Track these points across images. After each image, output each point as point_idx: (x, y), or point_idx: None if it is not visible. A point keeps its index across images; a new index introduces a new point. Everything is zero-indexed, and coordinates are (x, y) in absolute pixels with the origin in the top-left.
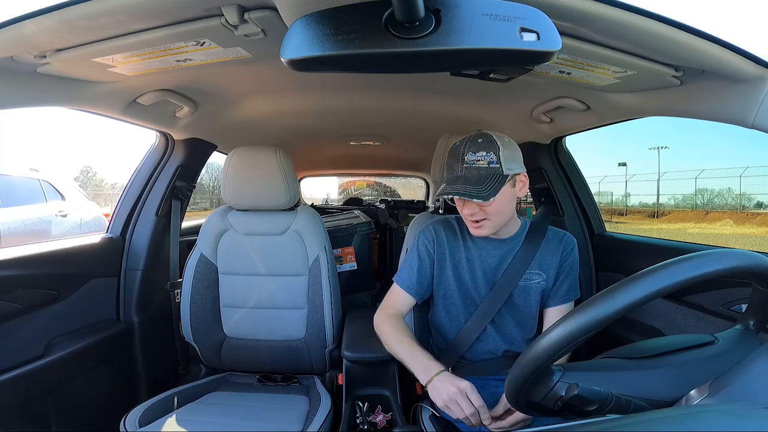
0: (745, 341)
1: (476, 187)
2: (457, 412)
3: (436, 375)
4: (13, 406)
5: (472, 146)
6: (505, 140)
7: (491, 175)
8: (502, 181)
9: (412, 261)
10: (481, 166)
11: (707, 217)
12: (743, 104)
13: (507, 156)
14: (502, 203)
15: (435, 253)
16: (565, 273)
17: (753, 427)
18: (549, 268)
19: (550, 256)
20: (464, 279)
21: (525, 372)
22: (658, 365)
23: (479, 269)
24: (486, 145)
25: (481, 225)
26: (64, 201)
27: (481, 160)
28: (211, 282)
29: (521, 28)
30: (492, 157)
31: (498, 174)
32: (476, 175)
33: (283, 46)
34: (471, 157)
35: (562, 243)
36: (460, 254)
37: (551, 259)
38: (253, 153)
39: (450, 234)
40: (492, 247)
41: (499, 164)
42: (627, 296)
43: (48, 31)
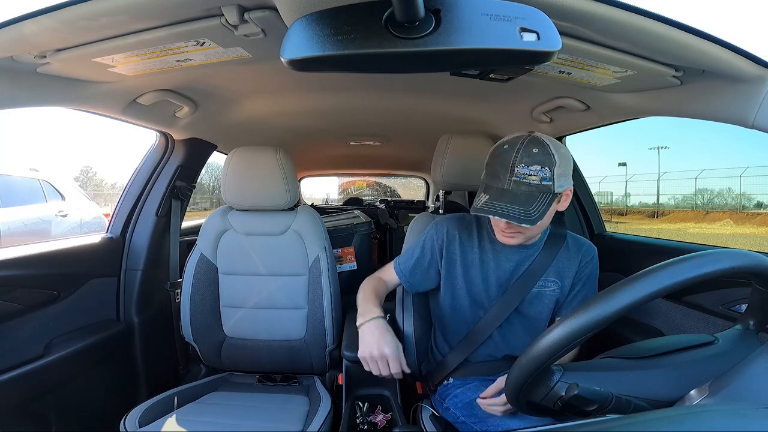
0: (745, 341)
1: (524, 208)
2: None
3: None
4: (13, 406)
5: (525, 156)
6: (561, 151)
7: (542, 193)
8: (551, 201)
9: (414, 251)
10: (532, 182)
11: (707, 217)
12: (743, 104)
13: (561, 171)
14: (544, 221)
15: (444, 251)
16: (582, 282)
17: (753, 427)
18: (565, 276)
19: (568, 263)
20: (475, 282)
21: (525, 372)
22: (658, 365)
23: (493, 274)
24: (542, 158)
25: (514, 236)
26: (64, 201)
27: (534, 175)
28: (211, 282)
29: (521, 28)
30: (546, 173)
31: (549, 193)
32: (526, 193)
33: (283, 46)
34: (523, 170)
35: (581, 251)
36: (474, 256)
37: (569, 267)
38: (253, 153)
39: (465, 233)
40: (510, 251)
41: (552, 182)
42: (627, 296)
43: (48, 31)
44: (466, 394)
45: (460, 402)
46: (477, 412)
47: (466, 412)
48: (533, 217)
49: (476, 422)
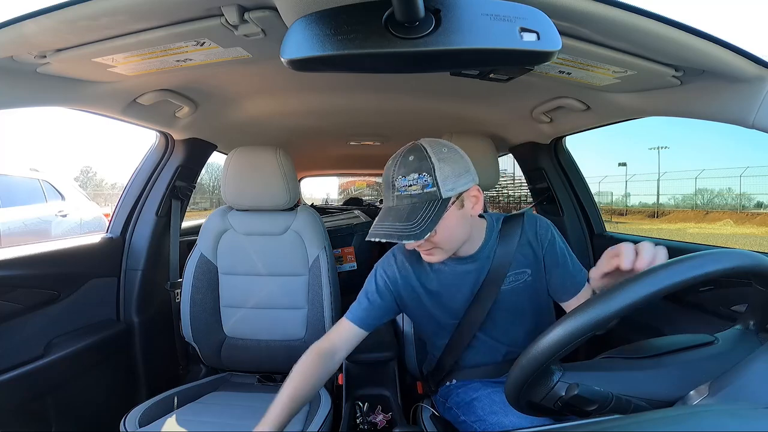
0: (745, 341)
1: (407, 223)
2: None
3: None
4: (13, 406)
5: (402, 167)
6: (443, 152)
7: (427, 202)
8: (442, 208)
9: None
10: (414, 193)
11: (707, 217)
12: (743, 104)
13: (446, 173)
14: (450, 229)
15: (399, 284)
16: (557, 260)
17: (753, 427)
18: (532, 261)
19: (528, 249)
20: (440, 303)
21: (525, 372)
22: (658, 365)
23: (456, 291)
24: (417, 164)
25: (432, 253)
26: (64, 201)
27: (414, 184)
28: (211, 282)
29: (521, 28)
30: (426, 179)
31: (435, 200)
32: (408, 206)
33: (283, 46)
34: (401, 182)
35: (535, 230)
36: (431, 281)
37: (534, 252)
38: (253, 153)
39: (415, 261)
40: (465, 263)
41: (436, 187)
42: (627, 296)
43: (48, 31)
44: (468, 393)
45: (462, 401)
46: (477, 411)
47: (466, 411)
48: (417, 231)
49: (476, 421)
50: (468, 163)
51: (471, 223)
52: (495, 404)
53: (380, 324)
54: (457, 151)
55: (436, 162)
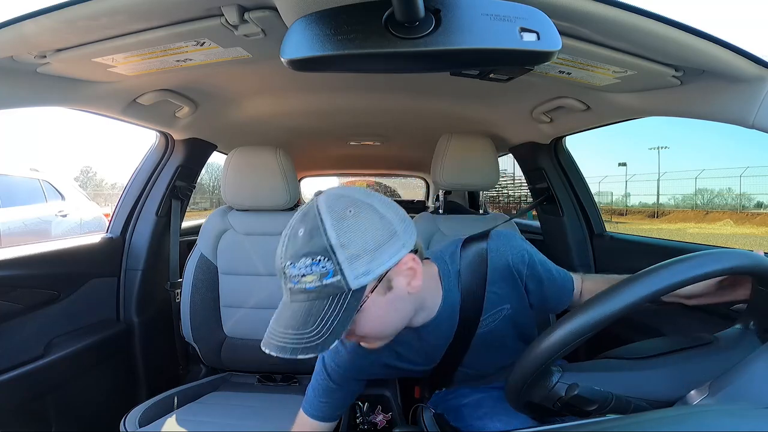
0: (745, 341)
1: (303, 331)
2: None
3: None
4: (13, 406)
5: (291, 247)
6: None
7: (329, 297)
8: (353, 304)
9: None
10: (309, 287)
11: (707, 217)
12: (743, 104)
13: (355, 250)
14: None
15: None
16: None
17: (753, 427)
18: (509, 293)
19: (502, 283)
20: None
21: (525, 372)
22: (658, 365)
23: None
24: (309, 242)
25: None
26: (64, 201)
27: (308, 274)
28: (211, 282)
29: (521, 28)
30: (325, 265)
31: (341, 293)
32: (304, 306)
33: (283, 46)
34: (292, 271)
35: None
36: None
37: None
38: (253, 153)
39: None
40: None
41: (340, 274)
42: (627, 296)
43: (48, 31)
44: (457, 399)
45: (451, 408)
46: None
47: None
48: (316, 341)
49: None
50: (392, 223)
51: (413, 298)
52: (481, 409)
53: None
54: (372, 209)
55: (334, 236)
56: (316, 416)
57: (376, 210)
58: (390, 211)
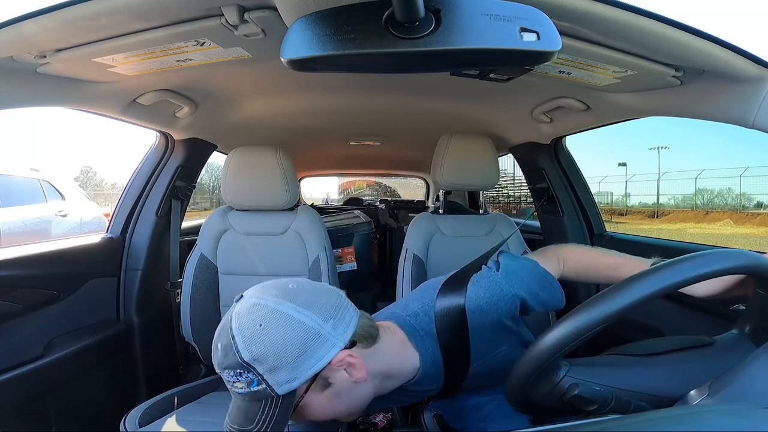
0: (744, 342)
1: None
2: None
3: None
4: (13, 406)
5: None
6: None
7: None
8: (285, 407)
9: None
10: (242, 392)
11: (707, 217)
12: (743, 104)
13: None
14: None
15: None
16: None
17: (753, 427)
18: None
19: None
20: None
21: (525, 371)
22: (659, 365)
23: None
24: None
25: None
26: (64, 201)
27: (237, 382)
28: (211, 282)
29: (521, 28)
30: (247, 376)
31: (271, 398)
32: (242, 407)
33: (283, 46)
34: (224, 376)
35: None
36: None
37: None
38: (253, 153)
39: None
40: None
41: (266, 384)
42: (628, 296)
43: (48, 31)
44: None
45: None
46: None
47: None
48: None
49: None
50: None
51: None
52: (481, 412)
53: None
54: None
55: (246, 354)
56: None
57: (291, 318)
58: (313, 312)
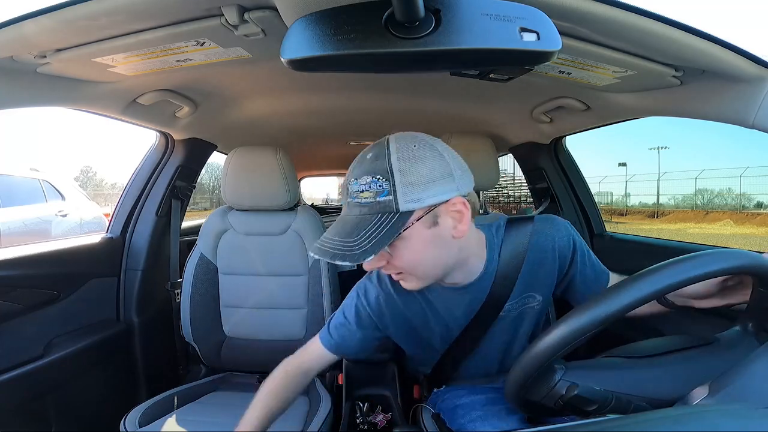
0: (744, 341)
1: (349, 239)
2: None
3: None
4: (13, 406)
5: (357, 167)
6: (411, 149)
7: (378, 215)
8: (397, 225)
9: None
10: (364, 201)
11: (707, 217)
12: (743, 104)
13: (410, 178)
14: (417, 253)
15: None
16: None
17: (753, 427)
18: (545, 286)
19: (541, 268)
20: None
21: (526, 370)
22: (658, 365)
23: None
24: (373, 166)
25: (402, 278)
26: (64, 201)
27: (366, 190)
28: (211, 282)
29: (521, 28)
30: (382, 184)
31: (389, 212)
32: (356, 218)
33: (283, 46)
34: (354, 186)
35: (553, 244)
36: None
37: (545, 272)
38: (253, 153)
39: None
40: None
41: (393, 195)
42: (629, 296)
43: (48, 31)
44: (452, 400)
45: (447, 408)
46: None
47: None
48: (357, 251)
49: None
50: (449, 165)
51: (458, 246)
52: (475, 411)
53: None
54: (435, 149)
55: (396, 162)
56: (327, 345)
57: (437, 151)
58: (451, 157)
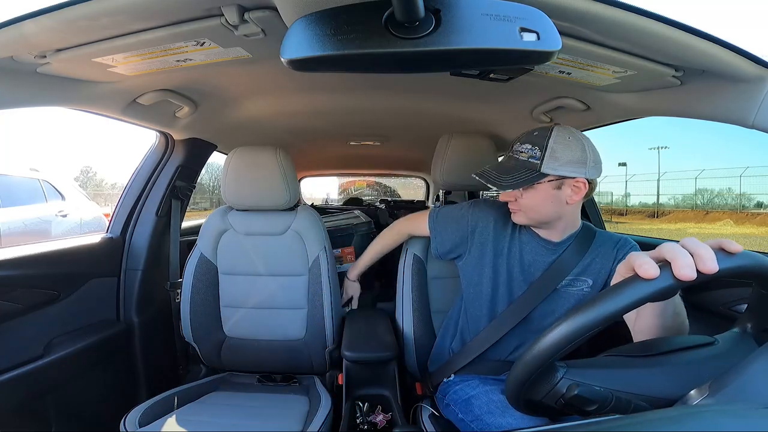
0: (744, 342)
1: (503, 175)
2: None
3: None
4: (13, 406)
5: (525, 137)
6: (566, 139)
7: (526, 169)
8: (534, 178)
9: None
10: (520, 158)
11: (707, 217)
12: (743, 104)
13: (556, 155)
14: (536, 201)
15: (478, 232)
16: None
17: (753, 427)
18: (598, 273)
19: (600, 260)
20: (500, 271)
21: (526, 370)
22: (659, 365)
23: (517, 265)
24: (537, 139)
25: (515, 212)
26: (64, 201)
27: (524, 152)
28: (211, 282)
29: (521, 28)
30: (536, 152)
31: (534, 170)
32: (512, 165)
33: (283, 46)
34: (518, 147)
35: (615, 247)
36: (504, 244)
37: (602, 264)
38: (253, 153)
39: (501, 221)
40: (537, 246)
41: (540, 161)
42: (629, 295)
43: (48, 31)
44: (465, 390)
45: (460, 398)
46: (474, 410)
47: (464, 409)
48: (506, 183)
49: (473, 420)
50: (588, 158)
51: (563, 210)
52: (492, 403)
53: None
54: (582, 144)
55: (552, 143)
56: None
57: (582, 145)
58: (591, 151)
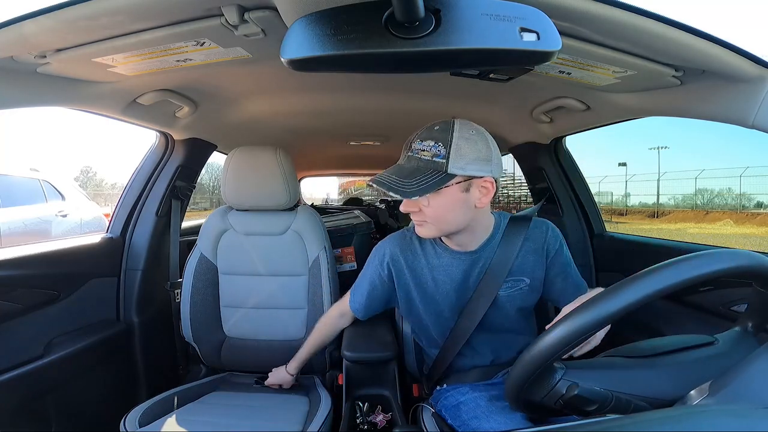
0: (744, 342)
1: (405, 180)
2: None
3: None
4: (13, 406)
5: (426, 132)
6: (469, 133)
7: (431, 170)
8: (442, 181)
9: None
10: (422, 158)
11: (707, 217)
12: (743, 104)
13: (462, 153)
14: (444, 207)
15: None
16: (563, 269)
17: (753, 427)
18: (534, 269)
19: (532, 256)
20: (433, 299)
21: (526, 370)
22: (659, 365)
23: (448, 285)
24: (440, 134)
25: (421, 224)
26: (64, 201)
27: (426, 150)
28: (211, 282)
29: (521, 28)
30: (439, 149)
31: (439, 171)
32: (413, 168)
33: (283, 46)
34: (417, 145)
35: (544, 238)
36: (424, 272)
37: (534, 259)
38: (253, 153)
39: (409, 252)
40: (454, 259)
41: (446, 160)
42: (629, 295)
43: (48, 31)
44: (455, 397)
45: (449, 405)
46: (461, 416)
47: (453, 415)
48: (410, 189)
49: (460, 425)
50: (492, 153)
51: (473, 214)
52: (479, 408)
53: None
54: (485, 139)
55: (456, 138)
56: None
57: (487, 140)
58: (494, 147)
